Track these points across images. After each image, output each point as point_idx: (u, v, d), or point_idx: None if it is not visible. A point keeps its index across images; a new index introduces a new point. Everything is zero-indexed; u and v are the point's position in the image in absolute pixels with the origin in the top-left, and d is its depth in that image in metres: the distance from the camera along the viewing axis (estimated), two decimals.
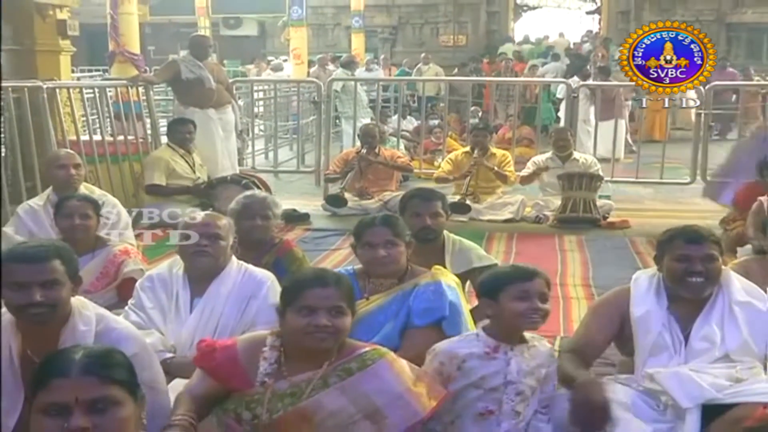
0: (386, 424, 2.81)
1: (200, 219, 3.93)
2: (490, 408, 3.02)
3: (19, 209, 5.69)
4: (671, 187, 9.81)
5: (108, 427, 2.00)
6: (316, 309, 2.80)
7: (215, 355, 2.91)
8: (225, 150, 8.77)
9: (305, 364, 2.84)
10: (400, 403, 2.82)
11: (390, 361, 2.88)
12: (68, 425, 1.97)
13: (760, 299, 3.48)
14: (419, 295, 3.63)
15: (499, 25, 25.01)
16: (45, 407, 2.00)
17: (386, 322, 3.63)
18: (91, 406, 2.00)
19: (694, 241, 3.42)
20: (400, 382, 2.85)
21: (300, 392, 2.80)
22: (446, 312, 3.59)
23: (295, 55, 17.46)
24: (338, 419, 2.78)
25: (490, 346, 3.04)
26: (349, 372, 2.82)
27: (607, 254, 6.87)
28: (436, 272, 3.76)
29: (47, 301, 2.83)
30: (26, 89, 7.27)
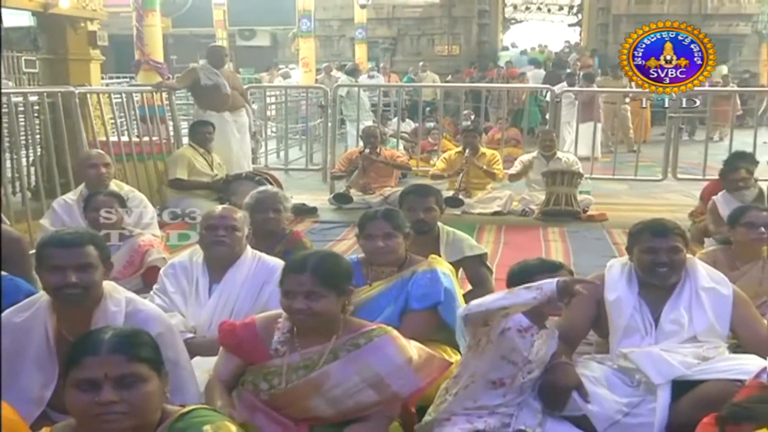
0: (389, 392, 2.85)
1: (219, 212, 3.95)
2: (504, 380, 3.02)
3: (54, 203, 5.70)
4: (645, 183, 9.81)
5: (135, 401, 2.00)
6: (293, 294, 2.82)
7: (236, 332, 2.94)
8: (240, 149, 8.78)
9: (314, 339, 2.87)
10: (402, 374, 2.84)
11: (393, 337, 2.90)
12: (98, 399, 1.97)
13: (723, 285, 3.49)
14: (417, 281, 3.64)
15: (489, 36, 24.98)
16: (77, 382, 2.00)
17: (387, 305, 3.63)
18: (119, 382, 2.00)
19: (660, 234, 3.44)
20: (401, 355, 2.87)
21: (313, 364, 2.83)
22: (441, 297, 3.61)
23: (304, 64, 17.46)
24: (344, 388, 2.81)
25: (524, 326, 3.03)
26: (356, 346, 2.85)
27: (586, 244, 6.87)
28: (432, 261, 3.77)
29: (81, 283, 2.85)
30: (60, 94, 7.27)
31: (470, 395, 3.01)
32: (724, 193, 5.73)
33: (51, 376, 2.90)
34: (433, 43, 24.13)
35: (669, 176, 9.66)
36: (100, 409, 1.97)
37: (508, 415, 3.03)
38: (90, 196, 4.88)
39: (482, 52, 24.06)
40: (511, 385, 3.03)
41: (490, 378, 3.02)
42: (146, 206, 5.78)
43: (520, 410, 3.06)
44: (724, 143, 10.46)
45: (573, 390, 3.11)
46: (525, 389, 3.08)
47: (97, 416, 1.97)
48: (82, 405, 1.98)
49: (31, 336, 2.92)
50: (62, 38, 8.19)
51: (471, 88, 14.46)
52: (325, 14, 22.81)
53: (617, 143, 11.12)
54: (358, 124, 11.02)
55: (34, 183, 7.23)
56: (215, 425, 2.04)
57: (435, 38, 24.16)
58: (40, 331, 2.92)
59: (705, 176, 8.93)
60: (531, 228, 7.51)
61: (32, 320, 2.94)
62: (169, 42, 17.45)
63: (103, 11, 8.51)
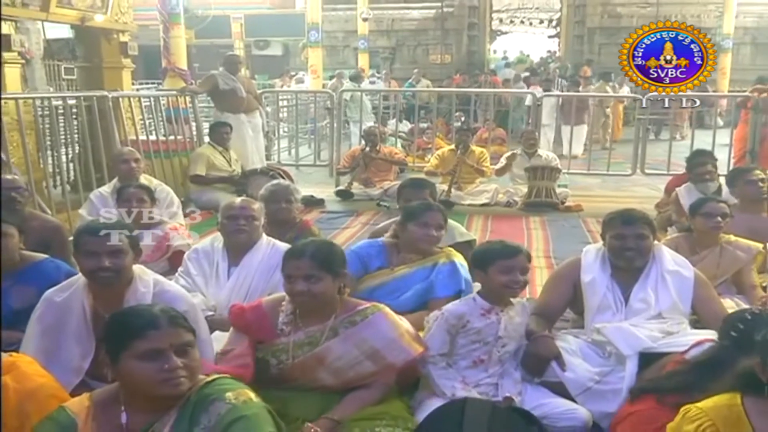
0: (385, 363, 2.87)
1: (239, 203, 3.96)
2: (482, 357, 3.07)
3: (91, 195, 5.72)
4: (616, 178, 9.81)
5: (191, 365, 2.03)
6: (293, 278, 2.83)
7: (246, 314, 2.95)
8: (255, 147, 8.78)
9: (315, 318, 2.88)
10: (395, 346, 2.87)
11: (386, 314, 2.93)
12: (168, 365, 1.99)
13: (686, 268, 3.51)
14: (440, 272, 3.66)
15: (478, 46, 24.89)
16: (142, 353, 2.00)
17: (407, 289, 3.64)
18: (179, 350, 2.03)
19: (628, 222, 3.45)
20: (393, 330, 2.89)
21: (315, 341, 2.85)
22: (463, 286, 3.64)
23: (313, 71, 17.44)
24: (345, 360, 2.83)
25: (485, 308, 3.07)
26: (353, 323, 2.87)
27: (564, 232, 6.87)
28: (450, 253, 3.77)
29: (113, 267, 2.87)
30: (95, 98, 7.26)
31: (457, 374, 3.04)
32: (687, 186, 5.72)
33: (88, 348, 2.92)
34: (428, 53, 24.06)
35: (637, 171, 9.68)
36: (167, 375, 1.99)
37: (493, 385, 3.05)
38: (122, 189, 4.89)
39: (472, 60, 24.01)
40: (489, 361, 3.06)
41: (471, 359, 3.06)
42: (172, 198, 5.78)
43: (502, 380, 3.08)
44: (685, 142, 10.45)
45: (552, 360, 3.13)
46: (504, 360, 3.10)
47: (165, 381, 1.99)
48: (150, 372, 1.99)
49: (70, 313, 2.94)
50: (97, 48, 8.18)
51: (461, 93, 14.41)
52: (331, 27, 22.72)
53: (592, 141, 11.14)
54: (361, 125, 11.01)
55: (73, 177, 7.23)
56: (236, 392, 2.04)
57: (429, 48, 24.09)
58: (79, 309, 2.94)
59: (669, 171, 8.94)
60: (515, 217, 7.49)
61: (71, 299, 2.95)
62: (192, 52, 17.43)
63: (133, 24, 8.50)
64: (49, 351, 2.89)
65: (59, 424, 2.02)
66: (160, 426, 1.99)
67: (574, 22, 23.64)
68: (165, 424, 1.99)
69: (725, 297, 3.99)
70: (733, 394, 1.99)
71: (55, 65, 17.31)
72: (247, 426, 1.94)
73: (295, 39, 22.52)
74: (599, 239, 3.71)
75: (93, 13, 7.61)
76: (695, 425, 1.94)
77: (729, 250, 4.16)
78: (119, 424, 2.03)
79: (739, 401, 1.96)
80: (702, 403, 2.03)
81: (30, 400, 2.16)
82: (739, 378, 2.05)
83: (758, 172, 4.91)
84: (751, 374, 1.97)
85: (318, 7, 16.62)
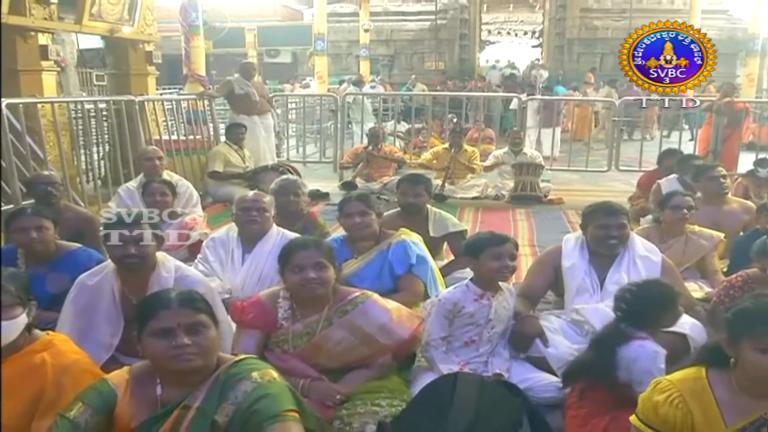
0: (379, 346, 2.87)
1: (251, 196, 3.95)
2: (474, 338, 3.07)
3: (119, 190, 5.72)
4: (593, 174, 9.79)
5: (202, 343, 2.03)
6: (303, 266, 2.79)
7: (247, 309, 2.90)
8: (266, 146, 8.78)
9: (311, 309, 2.86)
10: (386, 330, 2.86)
11: (374, 301, 2.91)
12: (175, 342, 1.99)
13: (654, 254, 3.53)
14: (394, 251, 3.70)
15: (468, 54, 24.83)
16: (155, 332, 2.02)
17: (373, 274, 3.67)
18: (188, 329, 2.02)
19: (611, 214, 3.46)
20: (383, 315, 2.88)
21: (313, 331, 2.84)
22: (413, 260, 3.67)
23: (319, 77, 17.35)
24: (343, 346, 2.83)
25: (478, 294, 3.06)
26: (345, 312, 2.85)
27: (547, 222, 6.86)
28: (401, 233, 3.81)
29: (139, 254, 2.87)
30: (123, 102, 7.27)
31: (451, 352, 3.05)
32: (668, 179, 5.70)
33: (117, 327, 2.93)
34: (423, 60, 23.99)
35: (612, 168, 9.67)
36: (176, 351, 1.99)
37: (483, 363, 3.06)
38: (147, 184, 4.89)
39: (463, 67, 23.97)
40: (480, 341, 3.07)
41: (463, 339, 3.06)
42: (191, 192, 5.78)
43: (492, 357, 3.09)
44: (655, 142, 10.43)
45: (536, 337, 3.13)
46: (493, 341, 3.11)
47: (174, 357, 1.99)
48: (161, 349, 2.01)
49: (101, 295, 2.94)
50: (125, 57, 8.19)
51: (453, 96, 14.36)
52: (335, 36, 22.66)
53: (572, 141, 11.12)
54: (362, 125, 11.01)
55: (104, 173, 7.24)
56: (261, 372, 2.05)
57: (425, 56, 24.01)
58: (108, 292, 2.94)
59: (641, 168, 8.93)
60: (502, 210, 7.49)
61: (102, 283, 2.96)
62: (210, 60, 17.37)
63: (157, 35, 8.50)
64: (83, 329, 2.89)
65: (101, 393, 2.04)
66: (192, 400, 2.00)
67: (555, 33, 23.59)
68: (196, 399, 2.00)
69: (689, 281, 4.01)
70: (699, 367, 2.00)
71: (87, 72, 17.26)
72: (271, 403, 1.95)
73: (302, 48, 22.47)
74: (578, 229, 3.71)
75: (121, 25, 7.62)
76: (665, 396, 1.94)
77: (693, 239, 4.18)
78: (155, 396, 2.05)
79: (704, 374, 1.97)
80: (671, 376, 2.04)
81: (66, 375, 2.17)
82: (705, 352, 2.05)
83: (720, 169, 4.91)
84: (716, 349, 1.97)
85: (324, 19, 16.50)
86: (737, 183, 6.03)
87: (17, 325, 2.19)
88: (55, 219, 3.52)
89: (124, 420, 2.02)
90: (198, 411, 1.97)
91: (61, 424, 1.96)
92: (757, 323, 1.83)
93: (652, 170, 6.96)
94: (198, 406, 1.98)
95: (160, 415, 2.00)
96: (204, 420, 1.96)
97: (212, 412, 1.97)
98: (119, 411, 2.02)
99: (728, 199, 4.86)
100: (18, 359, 2.17)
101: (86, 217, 4.51)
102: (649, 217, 5.26)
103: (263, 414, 1.92)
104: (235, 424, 1.95)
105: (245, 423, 1.93)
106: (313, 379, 2.76)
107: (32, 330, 2.27)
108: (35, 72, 6.45)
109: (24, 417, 2.10)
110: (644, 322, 2.64)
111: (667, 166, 6.24)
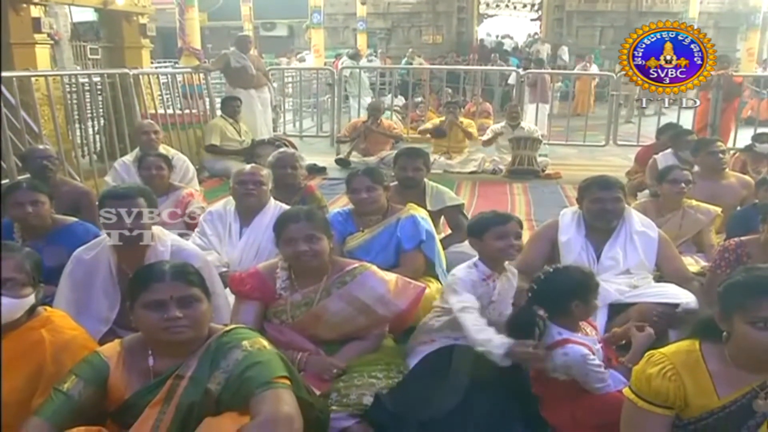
0: (377, 316, 2.88)
1: (248, 170, 3.95)
2: None
3: (115, 164, 5.71)
4: (591, 148, 9.80)
5: (193, 317, 2.04)
6: (295, 239, 2.80)
7: (245, 280, 2.91)
8: (263, 120, 8.78)
9: (309, 280, 2.87)
10: (384, 301, 2.88)
11: (373, 272, 2.92)
12: (167, 315, 2.01)
13: (651, 229, 3.54)
14: (403, 226, 3.65)
15: (466, 28, 24.60)
16: (147, 304, 2.04)
17: (380, 248, 3.65)
18: (180, 302, 2.04)
19: (606, 187, 3.46)
20: (381, 286, 2.89)
21: (311, 301, 2.85)
22: (423, 237, 3.63)
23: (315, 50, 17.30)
24: (341, 317, 2.84)
25: (486, 274, 2.98)
26: (344, 283, 2.86)
27: (544, 197, 6.89)
28: (410, 208, 3.77)
29: (134, 228, 2.87)
30: (118, 76, 7.25)
31: (451, 327, 3.00)
32: (664, 153, 5.71)
33: (115, 301, 2.95)
34: (421, 34, 23.80)
35: (610, 143, 9.67)
36: (167, 324, 2.01)
37: None
38: (143, 157, 4.86)
39: (461, 40, 23.81)
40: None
41: None
42: (188, 165, 5.77)
43: None
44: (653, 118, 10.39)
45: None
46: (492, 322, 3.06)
47: (166, 329, 2.02)
48: (153, 321, 2.03)
49: (98, 269, 2.96)
50: (119, 30, 8.15)
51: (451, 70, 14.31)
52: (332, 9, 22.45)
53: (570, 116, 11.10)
54: (360, 100, 10.97)
55: (99, 148, 7.21)
56: (251, 341, 2.07)
57: (422, 29, 23.82)
58: (105, 266, 2.96)
59: (639, 143, 8.94)
60: (500, 184, 7.51)
61: (98, 257, 2.97)
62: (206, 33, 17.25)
63: (151, 7, 8.44)
64: (80, 303, 2.91)
65: (93, 366, 2.07)
66: (184, 369, 2.02)
67: (554, 6, 23.36)
68: (188, 368, 2.02)
69: (686, 255, 4.03)
70: (693, 340, 2.01)
71: (81, 46, 17.15)
72: (262, 370, 1.97)
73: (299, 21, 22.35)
74: (575, 203, 3.72)
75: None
76: (658, 368, 1.96)
77: (691, 213, 4.19)
78: (147, 367, 2.07)
79: (698, 347, 1.98)
80: (665, 349, 2.06)
81: (64, 351, 2.20)
82: (698, 326, 2.07)
83: (720, 144, 4.92)
84: (709, 322, 1.99)
85: None
86: (735, 158, 6.03)
87: (25, 304, 2.23)
88: (51, 193, 3.52)
89: (118, 391, 2.05)
90: (191, 380, 2.00)
91: (56, 397, 1.99)
92: (749, 297, 1.84)
93: (649, 144, 6.97)
94: (191, 375, 2.01)
95: (153, 385, 2.03)
96: (197, 388, 1.99)
97: (205, 380, 2.00)
98: (112, 382, 2.05)
99: (726, 174, 4.87)
100: (16, 336, 2.19)
101: (82, 191, 4.51)
102: (647, 192, 5.28)
103: (255, 381, 1.95)
104: (227, 391, 1.98)
105: (237, 390, 1.96)
106: (311, 352, 2.78)
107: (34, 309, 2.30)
108: (28, 45, 6.41)
109: (24, 392, 2.13)
110: (554, 308, 2.58)
111: (664, 141, 6.25)
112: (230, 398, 1.98)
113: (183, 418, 1.98)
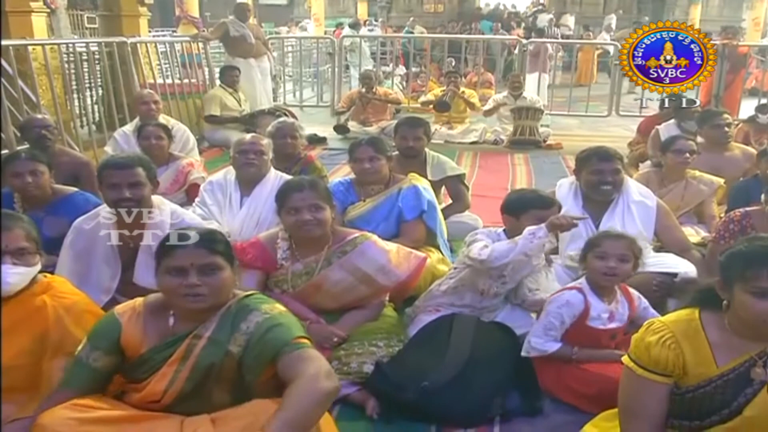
0: (377, 286, 2.91)
1: (249, 139, 3.94)
2: (484, 290, 2.94)
3: (115, 134, 5.70)
4: (593, 119, 9.78)
5: (213, 285, 2.06)
6: (299, 208, 2.82)
7: (247, 250, 2.94)
8: (263, 89, 8.74)
9: (310, 249, 2.90)
10: (385, 271, 2.90)
11: (374, 242, 2.95)
12: (186, 282, 2.03)
13: (649, 199, 3.55)
14: (405, 197, 3.67)
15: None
16: (169, 269, 2.06)
17: (381, 217, 3.67)
18: (201, 270, 2.05)
19: (605, 159, 3.46)
20: (382, 256, 2.91)
21: (312, 271, 2.88)
22: (425, 207, 3.65)
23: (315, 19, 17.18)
24: (341, 286, 2.87)
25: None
26: (344, 252, 2.89)
27: (545, 168, 6.88)
28: (412, 178, 3.79)
29: (134, 197, 2.90)
30: (115, 44, 7.19)
31: (458, 295, 3.01)
32: (666, 124, 5.68)
33: (116, 270, 2.97)
34: (422, 2, 23.63)
35: (613, 113, 9.64)
36: (186, 290, 2.03)
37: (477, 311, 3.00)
38: (142, 127, 4.86)
39: (462, 9, 23.62)
40: (488, 293, 2.96)
41: (477, 287, 2.97)
42: (188, 135, 5.77)
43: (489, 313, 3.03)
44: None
45: None
46: (499, 295, 3.03)
47: (185, 296, 2.04)
48: (173, 286, 2.05)
49: (98, 239, 2.97)
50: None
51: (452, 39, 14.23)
52: None
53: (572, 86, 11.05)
54: (360, 69, 10.91)
55: (98, 118, 7.18)
56: (270, 305, 2.11)
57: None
58: (105, 235, 2.96)
59: (641, 113, 8.91)
60: (501, 154, 7.50)
61: (99, 227, 2.98)
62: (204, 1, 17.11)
63: None
64: (81, 273, 2.93)
65: (106, 324, 2.11)
66: (203, 330, 2.06)
67: None
68: (207, 329, 2.06)
69: (686, 225, 4.05)
70: (693, 309, 2.03)
71: (78, 14, 17.03)
72: (284, 331, 2.02)
73: None
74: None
75: None
76: (657, 336, 1.97)
77: (693, 184, 4.20)
78: (167, 326, 2.10)
79: (697, 316, 2.00)
80: (664, 318, 2.07)
81: (67, 315, 2.23)
82: (698, 294, 2.08)
83: (726, 117, 4.89)
84: (709, 291, 2.00)
85: None
86: (738, 129, 6.01)
87: (33, 272, 2.26)
88: (50, 163, 3.53)
89: (133, 347, 2.08)
90: (209, 340, 2.04)
91: (72, 364, 2.07)
92: (749, 266, 1.85)
93: (652, 115, 6.94)
94: (209, 336, 2.05)
95: (170, 342, 2.07)
96: (217, 349, 2.03)
97: (225, 341, 2.03)
98: (126, 338, 2.08)
99: (730, 146, 4.86)
100: (19, 302, 2.21)
101: (82, 161, 4.51)
102: (648, 162, 5.28)
103: (278, 341, 1.99)
104: (249, 353, 2.01)
105: (260, 352, 2.00)
106: (312, 321, 2.81)
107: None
108: (24, 14, 6.36)
109: (31, 355, 2.19)
110: None
111: (668, 112, 6.22)
112: (253, 360, 2.01)
113: (200, 377, 2.02)
